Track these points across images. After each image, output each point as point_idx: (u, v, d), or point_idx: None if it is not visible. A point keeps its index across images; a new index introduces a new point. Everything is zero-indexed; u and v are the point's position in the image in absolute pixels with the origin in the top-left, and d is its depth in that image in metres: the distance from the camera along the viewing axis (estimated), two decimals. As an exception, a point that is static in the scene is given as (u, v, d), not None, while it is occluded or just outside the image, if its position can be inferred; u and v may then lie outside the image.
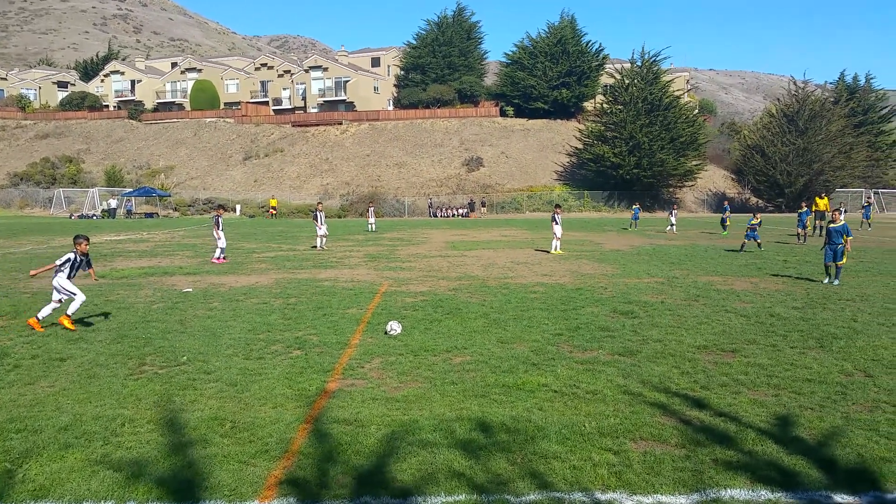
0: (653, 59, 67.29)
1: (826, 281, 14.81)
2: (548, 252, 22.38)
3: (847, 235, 14.99)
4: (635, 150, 63.29)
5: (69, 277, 10.43)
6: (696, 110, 74.42)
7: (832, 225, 15.27)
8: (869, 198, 48.78)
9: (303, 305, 12.29)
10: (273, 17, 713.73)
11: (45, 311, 10.34)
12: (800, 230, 27.06)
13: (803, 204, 29.44)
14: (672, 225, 34.53)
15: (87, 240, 10.80)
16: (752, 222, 23.52)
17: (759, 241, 23.11)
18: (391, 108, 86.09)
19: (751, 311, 11.39)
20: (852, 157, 64.89)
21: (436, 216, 62.15)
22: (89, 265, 10.85)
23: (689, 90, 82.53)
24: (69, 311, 10.18)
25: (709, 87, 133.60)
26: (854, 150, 65.46)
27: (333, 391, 7.05)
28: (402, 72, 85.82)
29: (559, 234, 22.45)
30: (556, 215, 22.51)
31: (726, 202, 37.41)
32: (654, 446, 5.53)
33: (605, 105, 67.89)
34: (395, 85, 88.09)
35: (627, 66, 68.10)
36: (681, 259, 20.31)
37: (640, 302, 12.38)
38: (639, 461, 5.23)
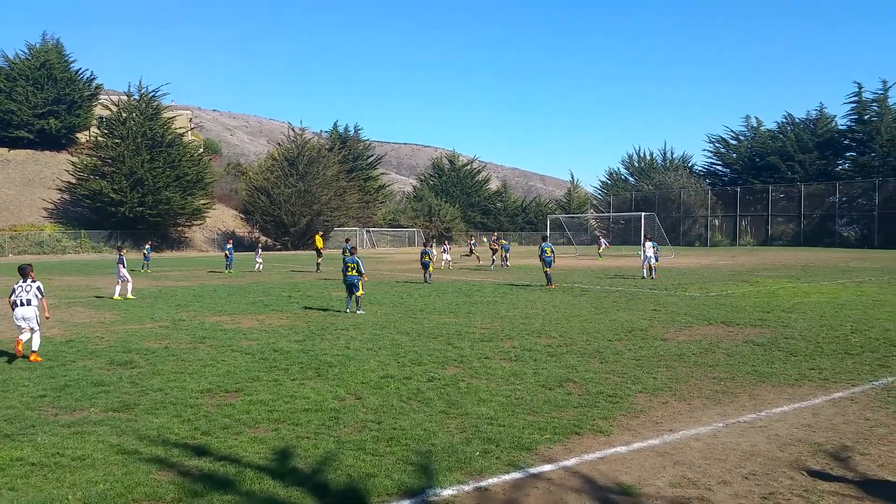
0: (152, 93, 65.47)
1: (348, 310, 16.20)
2: (112, 297, 20.31)
3: (361, 272, 16.60)
4: (138, 187, 60.12)
5: None
6: (201, 149, 74.96)
7: (349, 256, 16.76)
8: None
9: None
10: None
11: None
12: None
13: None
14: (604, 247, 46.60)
15: None
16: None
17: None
18: None
19: (256, 348, 11.64)
20: (346, 200, 74.11)
21: None
22: None
23: (192, 128, 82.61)
24: None
25: (214, 128, 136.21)
26: (348, 192, 74.86)
27: None
28: None
29: (128, 277, 20.82)
30: (121, 256, 21.82)
31: (230, 241, 37.97)
32: (148, 508, 5.05)
33: (100, 138, 62.97)
34: None
35: (125, 98, 64.72)
36: (189, 300, 19.83)
37: (141, 350, 11.52)
38: (131, 532, 4.67)
